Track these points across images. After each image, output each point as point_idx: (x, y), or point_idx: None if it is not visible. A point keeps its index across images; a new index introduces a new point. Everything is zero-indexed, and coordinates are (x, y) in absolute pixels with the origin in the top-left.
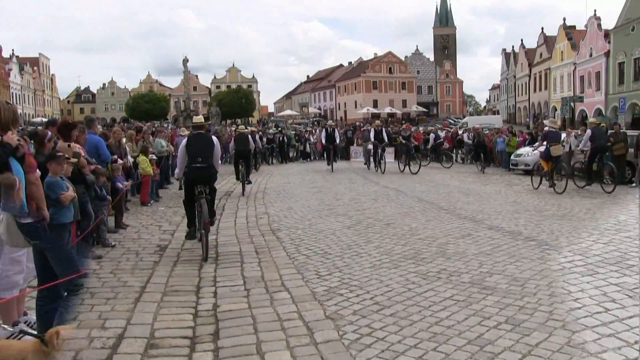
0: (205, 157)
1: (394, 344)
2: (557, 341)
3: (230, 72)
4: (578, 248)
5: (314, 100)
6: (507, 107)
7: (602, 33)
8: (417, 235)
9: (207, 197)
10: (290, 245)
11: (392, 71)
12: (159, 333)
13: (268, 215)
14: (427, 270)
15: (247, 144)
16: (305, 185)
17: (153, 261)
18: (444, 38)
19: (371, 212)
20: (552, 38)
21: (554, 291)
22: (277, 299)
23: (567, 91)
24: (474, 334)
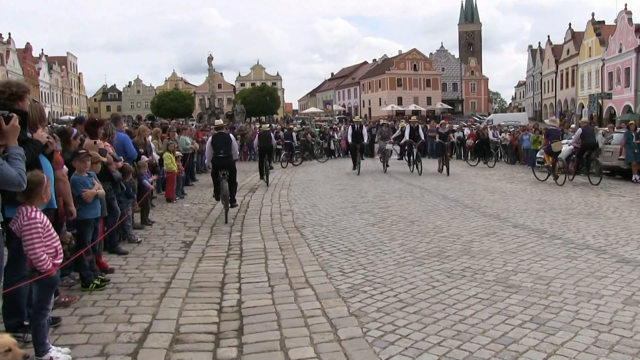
0: (226, 149)
1: (418, 341)
2: (583, 341)
3: (255, 69)
4: (604, 246)
5: (338, 97)
6: (533, 105)
7: (632, 28)
8: (441, 233)
9: (227, 178)
10: (314, 242)
11: (416, 68)
12: (184, 328)
13: (292, 212)
14: (452, 268)
15: (269, 140)
16: (329, 182)
17: (178, 257)
18: (469, 35)
19: (395, 209)
20: (580, 34)
21: (580, 290)
22: (301, 295)
23: (594, 88)
24: (498, 333)
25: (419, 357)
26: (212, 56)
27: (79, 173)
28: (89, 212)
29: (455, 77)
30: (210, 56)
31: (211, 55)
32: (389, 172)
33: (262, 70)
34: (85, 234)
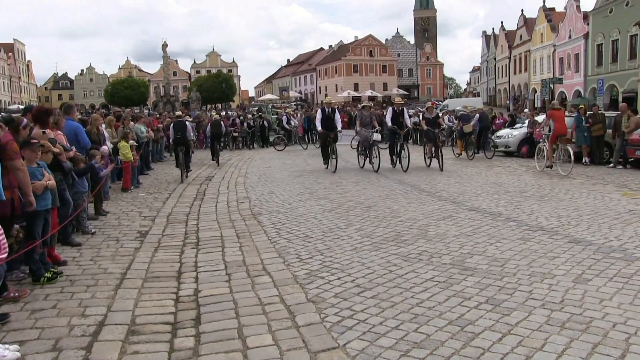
0: (182, 132)
1: (376, 325)
2: (536, 320)
3: (211, 56)
4: (556, 227)
5: (295, 84)
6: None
7: (581, 15)
8: (398, 217)
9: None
10: (271, 229)
11: (372, 54)
12: (140, 319)
13: (249, 199)
14: (408, 252)
15: (219, 128)
16: (286, 169)
17: (134, 247)
18: (424, 21)
19: (352, 195)
20: (532, 20)
21: (534, 271)
22: (259, 283)
23: (546, 73)
24: (455, 315)
25: (377, 341)
26: (167, 43)
27: (28, 163)
28: (39, 203)
29: (411, 62)
30: (165, 43)
31: (166, 42)
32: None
33: (218, 57)
34: (34, 226)
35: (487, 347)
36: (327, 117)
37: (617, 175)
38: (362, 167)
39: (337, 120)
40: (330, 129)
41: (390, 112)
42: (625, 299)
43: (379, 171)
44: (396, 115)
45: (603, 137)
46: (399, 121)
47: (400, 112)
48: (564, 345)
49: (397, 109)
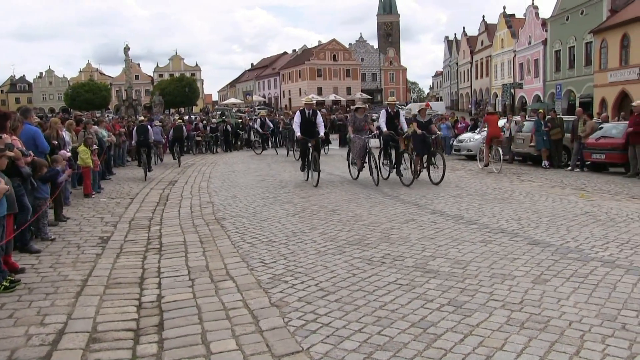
0: (145, 135)
1: (339, 329)
2: (497, 320)
3: (173, 60)
4: (516, 230)
5: (259, 88)
6: (450, 94)
7: (539, 22)
8: (361, 221)
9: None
10: (234, 233)
11: (336, 59)
12: (101, 327)
13: (212, 204)
14: (372, 256)
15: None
16: (250, 173)
17: (95, 254)
18: (387, 25)
19: (316, 199)
20: (493, 26)
21: (494, 272)
22: (222, 288)
23: (507, 78)
24: (418, 317)
25: (341, 344)
26: (129, 46)
27: None
28: None
29: (374, 67)
30: (127, 46)
31: (128, 46)
32: None
33: (181, 60)
34: None
35: (449, 348)
36: (308, 121)
37: (575, 178)
38: (356, 179)
39: (319, 123)
40: (311, 134)
41: (384, 115)
42: (581, 298)
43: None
44: (391, 118)
45: (561, 141)
46: (394, 125)
47: (396, 114)
48: (523, 345)
49: (391, 111)
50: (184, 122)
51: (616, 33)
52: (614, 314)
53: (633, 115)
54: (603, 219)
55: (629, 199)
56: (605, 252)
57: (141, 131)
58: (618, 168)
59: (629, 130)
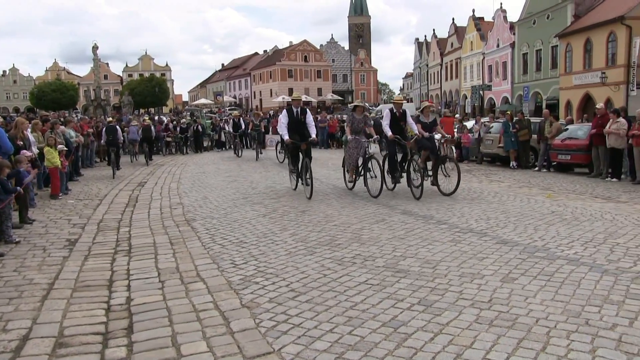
0: (114, 135)
1: (310, 329)
2: (466, 319)
3: (143, 60)
4: (485, 229)
5: (229, 88)
6: (420, 95)
7: (507, 25)
8: (332, 221)
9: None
10: (205, 235)
11: (307, 60)
12: (68, 331)
13: (182, 205)
14: (342, 256)
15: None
16: (220, 174)
17: (62, 256)
18: (358, 27)
19: (286, 199)
20: (463, 29)
21: (464, 272)
22: (193, 289)
23: (476, 80)
24: (388, 316)
25: (312, 344)
26: (98, 45)
27: None
28: None
29: (345, 68)
30: (96, 45)
31: (96, 44)
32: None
33: (151, 60)
34: None
35: (420, 347)
36: (296, 121)
37: (542, 178)
38: (352, 189)
39: (309, 124)
40: (301, 137)
41: (388, 115)
42: (548, 296)
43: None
44: (396, 120)
45: (529, 142)
46: (399, 128)
47: (402, 115)
48: (492, 342)
49: (397, 111)
50: (153, 123)
51: (580, 38)
52: (578, 310)
53: (596, 118)
54: (568, 218)
55: (593, 198)
56: (571, 251)
57: (110, 131)
58: (583, 168)
59: (592, 132)
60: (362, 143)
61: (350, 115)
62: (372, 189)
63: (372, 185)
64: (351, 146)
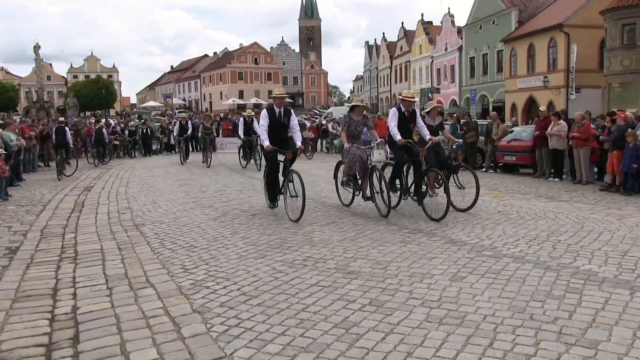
0: (62, 136)
1: (262, 332)
2: (416, 318)
3: (89, 61)
4: (434, 230)
5: (179, 91)
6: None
7: (455, 29)
8: (283, 224)
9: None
10: (154, 240)
11: (257, 62)
12: (7, 345)
13: (131, 210)
14: (294, 259)
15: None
16: (170, 178)
17: (1, 266)
18: (309, 30)
19: (237, 203)
20: (412, 32)
21: (414, 272)
22: (142, 295)
23: (425, 83)
24: (340, 318)
25: (264, 348)
26: (39, 44)
27: None
28: None
29: (295, 70)
30: (37, 44)
31: (38, 44)
32: (230, 167)
33: (97, 61)
34: None
35: (371, 347)
36: (278, 124)
37: (489, 178)
38: (349, 205)
39: (293, 128)
40: (284, 144)
41: (395, 115)
42: (495, 293)
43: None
44: (404, 121)
45: (476, 143)
46: (408, 131)
47: (412, 115)
48: (442, 340)
49: (406, 110)
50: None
51: (524, 43)
52: (523, 306)
53: (539, 120)
54: (514, 217)
55: (537, 197)
56: (516, 249)
57: (59, 132)
58: (527, 169)
59: (536, 133)
60: (364, 150)
61: (347, 117)
62: (380, 206)
63: (380, 203)
64: (351, 154)
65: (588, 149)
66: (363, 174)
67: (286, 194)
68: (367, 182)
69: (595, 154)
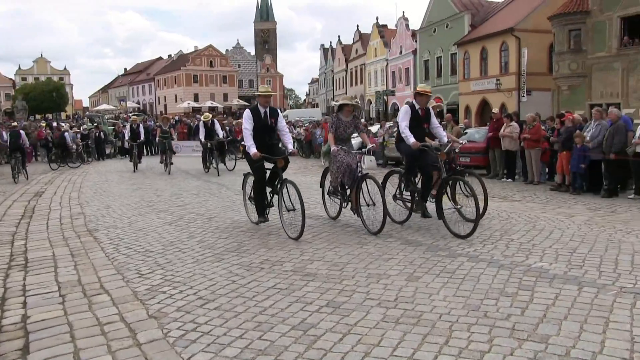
0: (16, 139)
1: (220, 336)
2: (373, 318)
3: (39, 62)
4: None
5: (133, 94)
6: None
7: (409, 33)
8: (239, 227)
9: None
10: (109, 245)
11: (213, 65)
12: None
13: (84, 215)
14: (250, 262)
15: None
16: (124, 182)
17: None
18: (264, 32)
19: (193, 207)
20: (367, 35)
21: (370, 273)
22: (96, 302)
23: (380, 85)
24: (297, 320)
25: (222, 351)
26: None
27: None
28: None
29: (251, 73)
30: None
31: None
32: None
33: (47, 63)
34: None
35: (329, 348)
36: (265, 126)
37: None
38: (336, 219)
39: (282, 129)
40: (272, 149)
41: (408, 113)
42: (450, 292)
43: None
44: (418, 119)
45: None
46: (421, 131)
47: (426, 114)
48: (399, 339)
49: (420, 107)
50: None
51: (476, 46)
52: (477, 304)
53: (492, 122)
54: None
55: (490, 198)
56: (471, 248)
57: (13, 136)
58: (481, 170)
59: (489, 135)
60: (354, 156)
61: (335, 117)
62: (371, 222)
63: (369, 217)
64: (339, 160)
65: (539, 150)
66: (352, 183)
67: (281, 207)
68: (358, 189)
69: (546, 154)
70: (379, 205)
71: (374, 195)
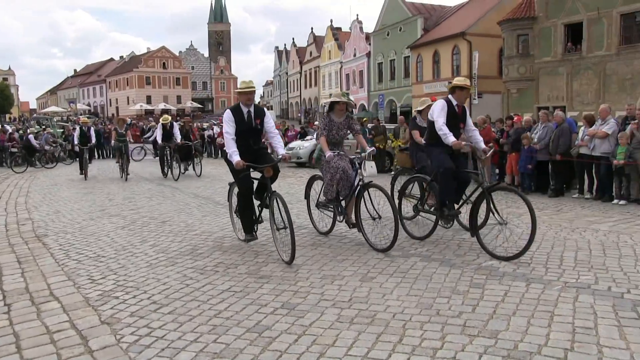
0: None
1: (174, 341)
2: (328, 319)
3: None
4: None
5: (83, 96)
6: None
7: (363, 36)
8: (193, 231)
9: None
10: (58, 251)
11: (166, 66)
12: None
13: (32, 220)
14: (205, 265)
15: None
16: (74, 186)
17: None
18: (218, 34)
19: (146, 210)
20: (321, 38)
21: (325, 274)
22: (45, 310)
23: (335, 88)
24: (252, 322)
25: (176, 356)
26: None
27: None
28: None
29: (205, 75)
30: None
31: None
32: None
33: None
34: None
35: (284, 349)
36: (249, 129)
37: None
38: (327, 233)
39: (270, 131)
40: (258, 155)
41: (444, 108)
42: (403, 292)
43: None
44: (455, 117)
45: (385, 147)
46: (457, 131)
47: (462, 112)
48: (353, 339)
49: (458, 104)
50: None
51: (429, 50)
52: (430, 303)
53: None
54: (421, 219)
55: None
56: (423, 249)
57: None
58: None
59: None
60: (347, 163)
61: (326, 118)
62: (377, 238)
63: (373, 233)
64: (333, 167)
65: None
66: (348, 192)
67: (272, 226)
68: (353, 203)
69: (496, 156)
70: (386, 218)
71: (381, 207)
